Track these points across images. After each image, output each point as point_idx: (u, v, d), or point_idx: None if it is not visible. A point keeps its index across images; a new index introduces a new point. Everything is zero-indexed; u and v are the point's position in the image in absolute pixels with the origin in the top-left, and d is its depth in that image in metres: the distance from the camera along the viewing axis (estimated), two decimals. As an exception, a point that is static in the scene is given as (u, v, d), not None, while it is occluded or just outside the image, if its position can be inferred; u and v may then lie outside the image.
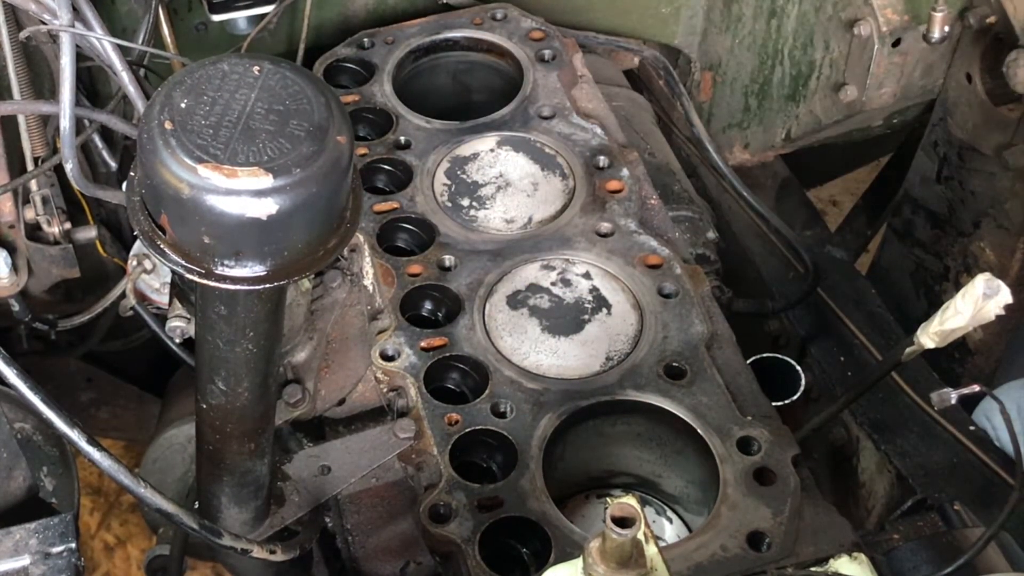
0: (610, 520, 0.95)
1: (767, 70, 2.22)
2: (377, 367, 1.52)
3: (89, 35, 1.54)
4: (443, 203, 1.71)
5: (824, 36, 2.07)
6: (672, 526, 1.59)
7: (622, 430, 1.55)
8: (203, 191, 0.93)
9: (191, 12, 2.02)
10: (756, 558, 1.34)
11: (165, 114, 0.95)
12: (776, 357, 1.85)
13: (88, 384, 2.39)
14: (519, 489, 1.40)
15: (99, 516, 2.71)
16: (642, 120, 2.15)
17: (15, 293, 1.93)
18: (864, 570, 1.30)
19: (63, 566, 1.20)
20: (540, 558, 1.36)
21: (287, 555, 1.40)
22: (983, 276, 1.44)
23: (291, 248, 0.98)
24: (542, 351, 1.54)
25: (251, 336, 1.10)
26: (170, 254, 0.98)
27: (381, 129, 1.81)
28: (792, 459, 1.43)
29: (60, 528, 1.22)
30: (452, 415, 1.47)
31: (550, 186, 1.73)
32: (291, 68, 0.99)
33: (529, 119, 1.81)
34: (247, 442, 1.27)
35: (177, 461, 1.96)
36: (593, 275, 1.62)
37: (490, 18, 1.96)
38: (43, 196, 1.87)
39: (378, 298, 1.61)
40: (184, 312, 1.48)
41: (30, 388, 1.12)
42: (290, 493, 1.44)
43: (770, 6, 2.15)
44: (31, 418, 1.59)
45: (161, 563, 1.77)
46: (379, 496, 1.55)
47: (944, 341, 1.52)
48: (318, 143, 0.95)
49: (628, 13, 2.28)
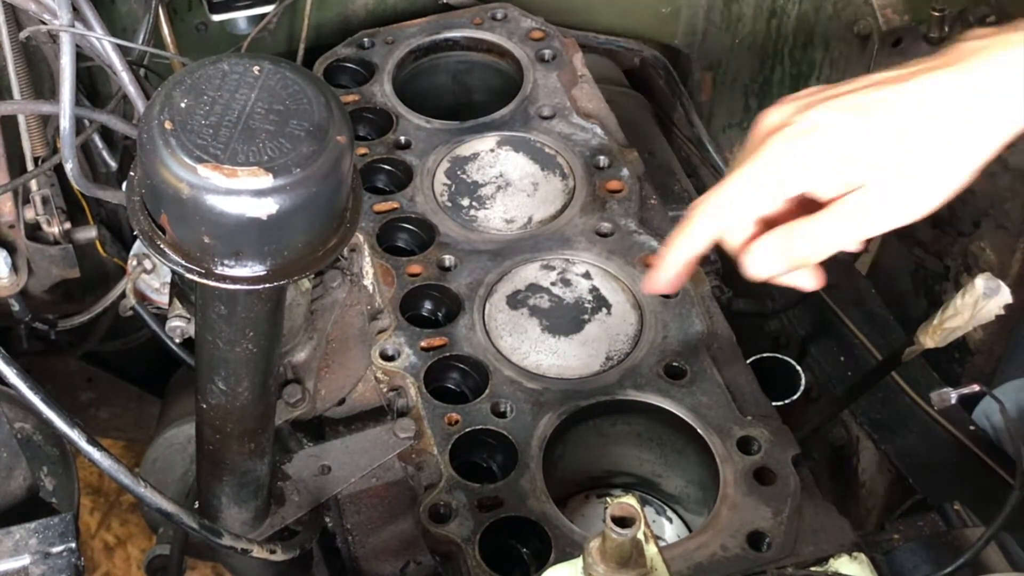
0: (610, 520, 0.95)
1: (767, 70, 2.22)
2: (377, 367, 1.52)
3: (89, 35, 1.54)
4: (443, 203, 1.71)
5: (824, 36, 2.07)
6: (672, 526, 1.60)
7: (622, 430, 1.55)
8: (203, 191, 0.93)
9: (191, 12, 2.02)
10: (756, 558, 1.34)
11: (165, 114, 0.95)
12: (776, 357, 1.85)
13: (88, 384, 2.39)
14: (519, 489, 1.40)
15: (99, 516, 2.71)
16: (642, 120, 2.15)
17: (15, 293, 1.94)
18: (864, 570, 1.30)
19: (63, 566, 1.20)
20: (540, 558, 1.36)
21: (287, 555, 1.40)
22: (983, 276, 1.44)
23: (291, 248, 0.98)
24: (542, 351, 1.54)
25: (251, 336, 1.10)
26: (170, 254, 0.98)
27: (381, 129, 1.81)
28: (792, 459, 1.43)
29: (60, 528, 1.22)
30: (452, 415, 1.47)
31: (550, 186, 1.73)
32: (291, 68, 0.99)
33: (529, 119, 1.81)
34: (247, 442, 1.27)
35: (177, 461, 1.96)
36: (593, 275, 1.62)
37: (490, 18, 1.96)
38: (43, 196, 1.87)
39: (378, 298, 1.61)
40: (184, 312, 1.48)
41: (30, 388, 1.12)
42: (290, 493, 1.44)
43: (770, 6, 2.15)
44: (31, 418, 1.59)
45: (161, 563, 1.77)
46: (379, 496, 1.55)
47: (944, 341, 1.52)
48: (318, 143, 0.95)
49: (628, 13, 2.28)
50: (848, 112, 1.17)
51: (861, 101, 1.17)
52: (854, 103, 1.18)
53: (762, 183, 1.18)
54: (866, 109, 1.17)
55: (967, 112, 1.15)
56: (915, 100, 1.16)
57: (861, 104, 1.17)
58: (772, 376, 1.70)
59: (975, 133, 1.15)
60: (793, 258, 1.21)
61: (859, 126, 1.16)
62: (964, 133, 1.15)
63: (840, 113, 1.17)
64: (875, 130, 1.16)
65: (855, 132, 1.16)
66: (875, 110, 1.16)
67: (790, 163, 1.17)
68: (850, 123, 1.16)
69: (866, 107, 1.17)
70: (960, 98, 1.15)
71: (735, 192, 1.19)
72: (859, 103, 1.17)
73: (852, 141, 1.16)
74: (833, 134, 1.16)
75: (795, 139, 1.17)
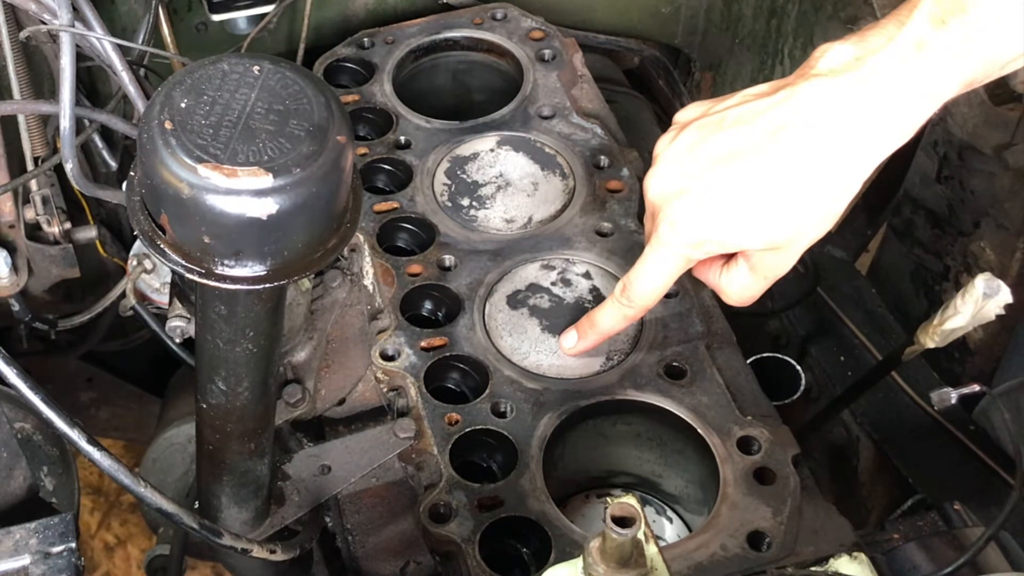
0: (610, 520, 0.95)
1: (767, 70, 2.22)
2: (377, 367, 1.52)
3: (89, 35, 1.54)
4: (443, 203, 1.71)
5: (824, 36, 2.07)
6: (672, 526, 1.60)
7: (622, 430, 1.55)
8: (203, 191, 0.93)
9: (191, 12, 2.02)
10: (756, 558, 1.34)
11: (165, 114, 0.95)
12: (776, 357, 1.85)
13: (88, 384, 2.40)
14: (519, 489, 1.40)
15: (99, 516, 2.71)
16: (642, 120, 2.15)
17: (15, 293, 1.94)
18: (864, 570, 1.30)
19: (63, 566, 1.20)
20: (540, 558, 1.36)
21: (287, 555, 1.40)
22: (983, 276, 1.44)
23: (291, 248, 0.98)
24: (542, 351, 1.54)
25: (251, 336, 1.10)
26: (170, 254, 0.98)
27: (381, 129, 1.81)
28: (792, 459, 1.43)
29: (60, 528, 1.22)
30: (452, 415, 1.47)
31: (550, 186, 1.73)
32: (291, 68, 0.99)
33: (529, 119, 1.81)
34: (247, 442, 1.27)
35: (177, 461, 1.96)
36: (593, 275, 1.62)
37: (490, 18, 1.96)
38: (43, 196, 1.87)
39: (378, 298, 1.61)
40: (184, 312, 1.48)
41: (30, 388, 1.12)
42: (290, 493, 1.44)
43: (770, 6, 2.15)
44: (31, 418, 1.59)
45: (161, 563, 1.77)
46: (379, 496, 1.55)
47: (944, 341, 1.52)
48: (318, 143, 0.95)
49: (628, 13, 2.28)
50: (712, 195, 1.26)
51: (723, 177, 1.25)
52: (723, 152, 1.25)
53: (671, 268, 1.33)
54: (726, 188, 1.25)
55: (822, 177, 1.22)
56: (772, 173, 1.23)
57: (723, 179, 1.25)
58: (772, 376, 1.71)
59: (832, 190, 1.22)
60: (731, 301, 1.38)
61: (730, 192, 1.25)
62: (820, 194, 1.23)
63: (711, 176, 1.26)
64: (740, 212, 1.25)
65: (726, 202, 1.25)
66: (734, 187, 1.24)
67: (686, 243, 1.29)
68: (721, 189, 1.25)
69: (726, 184, 1.25)
70: (814, 163, 1.21)
71: (648, 281, 1.36)
72: (721, 179, 1.25)
73: (726, 211, 1.25)
74: (707, 207, 1.26)
75: (681, 219, 1.28)
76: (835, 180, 1.21)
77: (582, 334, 1.50)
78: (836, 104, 1.19)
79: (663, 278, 1.35)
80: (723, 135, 1.26)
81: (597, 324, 1.46)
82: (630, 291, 1.38)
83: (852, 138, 1.19)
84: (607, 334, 1.48)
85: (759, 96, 1.26)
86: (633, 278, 1.37)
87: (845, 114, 1.19)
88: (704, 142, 1.27)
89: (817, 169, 1.21)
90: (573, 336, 1.51)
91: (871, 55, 1.18)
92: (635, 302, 1.39)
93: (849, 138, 1.19)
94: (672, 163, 1.29)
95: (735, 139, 1.25)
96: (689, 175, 1.27)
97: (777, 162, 1.22)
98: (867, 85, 1.18)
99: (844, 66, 1.20)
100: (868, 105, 1.18)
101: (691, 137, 1.29)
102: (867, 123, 1.18)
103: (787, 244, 1.26)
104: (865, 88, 1.18)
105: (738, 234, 1.26)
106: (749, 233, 1.25)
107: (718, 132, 1.26)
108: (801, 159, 1.21)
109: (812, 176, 1.21)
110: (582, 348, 1.51)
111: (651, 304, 1.40)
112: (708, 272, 1.37)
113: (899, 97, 1.16)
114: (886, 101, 1.17)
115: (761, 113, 1.24)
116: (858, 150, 1.19)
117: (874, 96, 1.17)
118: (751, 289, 1.33)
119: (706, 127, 1.28)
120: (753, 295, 1.34)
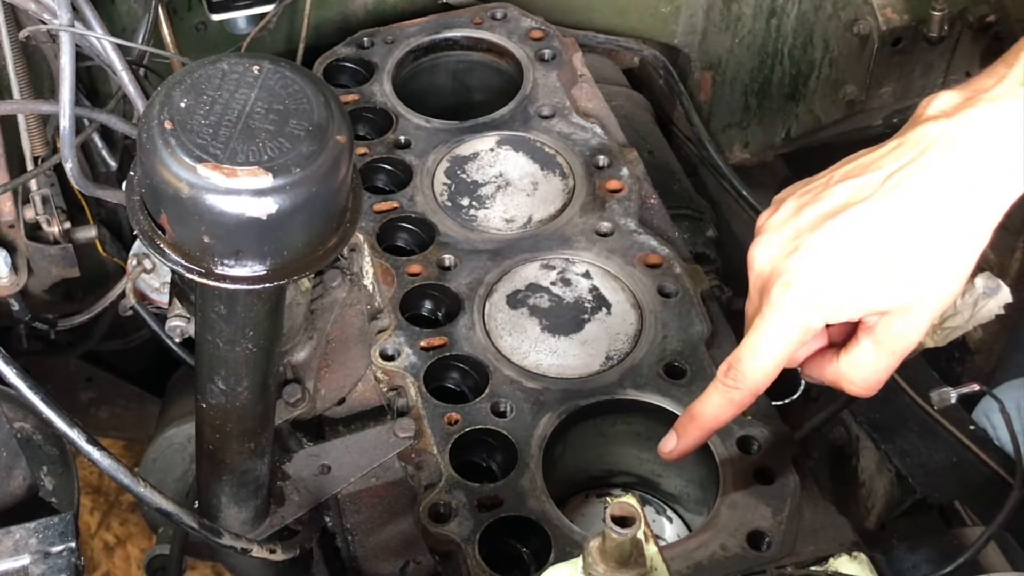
0: (610, 519, 0.95)
1: (767, 70, 2.22)
2: (377, 366, 1.52)
3: (89, 35, 1.54)
4: (443, 202, 1.71)
5: (824, 36, 2.07)
6: (672, 526, 1.60)
7: (622, 429, 1.55)
8: (203, 191, 0.93)
9: (191, 12, 2.02)
10: (756, 557, 1.34)
11: (165, 114, 0.95)
12: (776, 357, 1.85)
13: (88, 384, 2.39)
14: (519, 488, 1.40)
15: (99, 516, 2.71)
16: (642, 120, 2.14)
17: (15, 293, 1.93)
18: (864, 570, 1.30)
19: (63, 565, 1.20)
20: (540, 557, 1.36)
21: (287, 554, 1.40)
22: (983, 276, 1.43)
23: (291, 248, 0.98)
24: (542, 350, 1.54)
25: (251, 336, 1.10)
26: (170, 254, 0.98)
27: (381, 129, 1.81)
28: (792, 459, 1.43)
29: (60, 528, 1.22)
30: (452, 414, 1.47)
31: (550, 185, 1.73)
32: (291, 67, 0.99)
33: (529, 119, 1.81)
34: (247, 441, 1.27)
35: (177, 461, 1.96)
36: (593, 274, 1.62)
37: (490, 18, 1.96)
38: (43, 196, 1.87)
39: (378, 297, 1.61)
40: (184, 312, 1.48)
41: (30, 388, 1.12)
42: (290, 492, 1.44)
43: (770, 6, 2.15)
44: (31, 418, 1.59)
45: (161, 563, 1.77)
46: (379, 496, 1.55)
47: (944, 341, 1.52)
48: (318, 142, 0.95)
49: (628, 13, 2.28)
50: (828, 248, 1.15)
51: (838, 229, 1.15)
52: (836, 205, 1.16)
53: (786, 339, 1.20)
54: (843, 240, 1.15)
55: (947, 222, 1.12)
56: (891, 221, 1.13)
57: (839, 232, 1.15)
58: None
59: (960, 236, 1.13)
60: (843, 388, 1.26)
61: (848, 244, 1.15)
62: (947, 243, 1.13)
63: (826, 230, 1.16)
64: (860, 268, 1.15)
65: (845, 254, 1.15)
66: (852, 239, 1.15)
67: (802, 305, 1.17)
68: (839, 242, 1.15)
69: (843, 236, 1.15)
70: (937, 207, 1.12)
71: (760, 358, 1.22)
72: (836, 231, 1.15)
73: (845, 265, 1.15)
74: (824, 261, 1.16)
75: (795, 277, 1.17)
76: (966, 224, 1.12)
77: (682, 432, 1.34)
78: (955, 143, 1.11)
79: (777, 352, 1.20)
80: (832, 191, 1.17)
81: (698, 417, 1.31)
82: (738, 371, 1.23)
83: (978, 175, 1.11)
84: (711, 428, 1.32)
85: (865, 153, 1.18)
86: (741, 355, 1.23)
87: (966, 152, 1.11)
88: (812, 203, 1.17)
89: (944, 213, 1.11)
90: (672, 439, 1.35)
91: (982, 93, 1.12)
92: (745, 383, 1.23)
93: (975, 176, 1.11)
94: (778, 228, 1.19)
95: (847, 192, 1.15)
96: (801, 233, 1.17)
97: (898, 208, 1.12)
98: (986, 121, 1.11)
99: (955, 107, 1.13)
100: (989, 141, 1.11)
101: (796, 203, 1.19)
102: (991, 159, 1.10)
103: (916, 304, 1.15)
104: (984, 124, 1.11)
105: (860, 292, 1.15)
106: (872, 290, 1.14)
107: (826, 190, 1.17)
108: (925, 203, 1.11)
109: (939, 221, 1.11)
110: (683, 449, 1.34)
111: (763, 386, 1.24)
112: (822, 363, 1.25)
113: (1019, 129, 1.10)
114: (1006, 135, 1.10)
115: (872, 163, 1.15)
116: (986, 188, 1.11)
117: (994, 131, 1.10)
118: (878, 368, 1.20)
119: (811, 190, 1.19)
120: (881, 377, 1.21)
